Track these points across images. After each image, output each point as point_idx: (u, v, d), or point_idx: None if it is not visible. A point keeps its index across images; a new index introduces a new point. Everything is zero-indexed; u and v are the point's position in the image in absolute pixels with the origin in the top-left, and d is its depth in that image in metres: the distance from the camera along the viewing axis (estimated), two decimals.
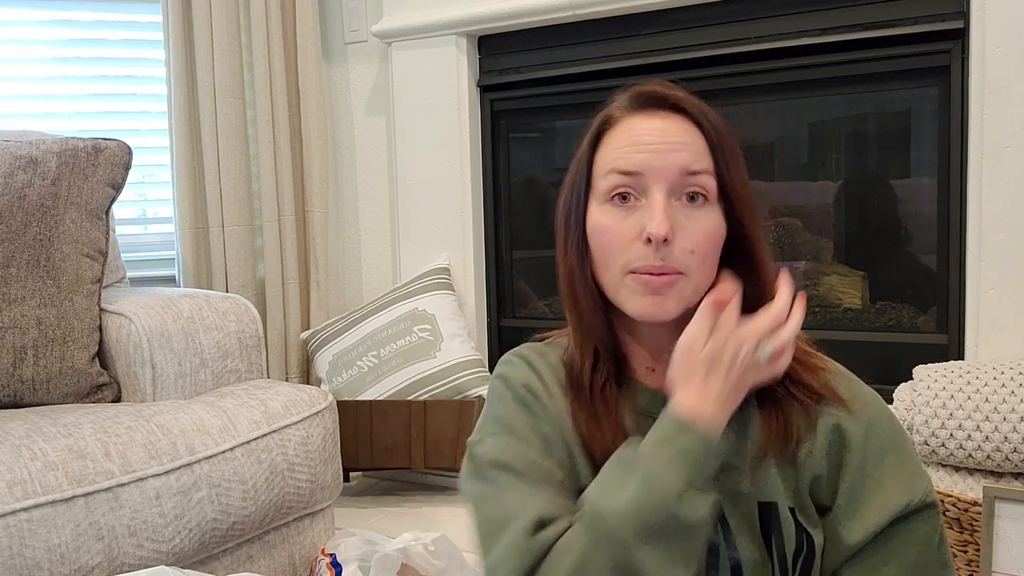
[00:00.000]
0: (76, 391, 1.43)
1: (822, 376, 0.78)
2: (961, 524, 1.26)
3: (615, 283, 0.76)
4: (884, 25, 1.65)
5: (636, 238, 0.74)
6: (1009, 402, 1.29)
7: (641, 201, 0.75)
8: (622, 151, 0.76)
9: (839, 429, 0.76)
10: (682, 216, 0.74)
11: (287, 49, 2.18)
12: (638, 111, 0.77)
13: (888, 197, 1.75)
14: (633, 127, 0.76)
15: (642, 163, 0.74)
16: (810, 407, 0.77)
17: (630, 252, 0.74)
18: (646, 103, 0.77)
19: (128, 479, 1.17)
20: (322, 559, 1.41)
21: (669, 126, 0.76)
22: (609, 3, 1.86)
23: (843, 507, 0.76)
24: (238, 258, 2.14)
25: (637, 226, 0.74)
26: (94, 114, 2.23)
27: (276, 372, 2.17)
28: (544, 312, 2.16)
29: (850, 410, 0.76)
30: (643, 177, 0.74)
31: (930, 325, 1.70)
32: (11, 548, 1.04)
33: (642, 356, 0.82)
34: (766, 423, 0.77)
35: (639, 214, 0.74)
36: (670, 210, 0.73)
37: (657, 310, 0.74)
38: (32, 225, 1.45)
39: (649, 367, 0.82)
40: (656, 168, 0.74)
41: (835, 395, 0.77)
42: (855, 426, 0.76)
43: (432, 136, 2.13)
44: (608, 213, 0.76)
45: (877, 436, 0.76)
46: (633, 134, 0.76)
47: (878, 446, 0.76)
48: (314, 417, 1.44)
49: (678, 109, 0.77)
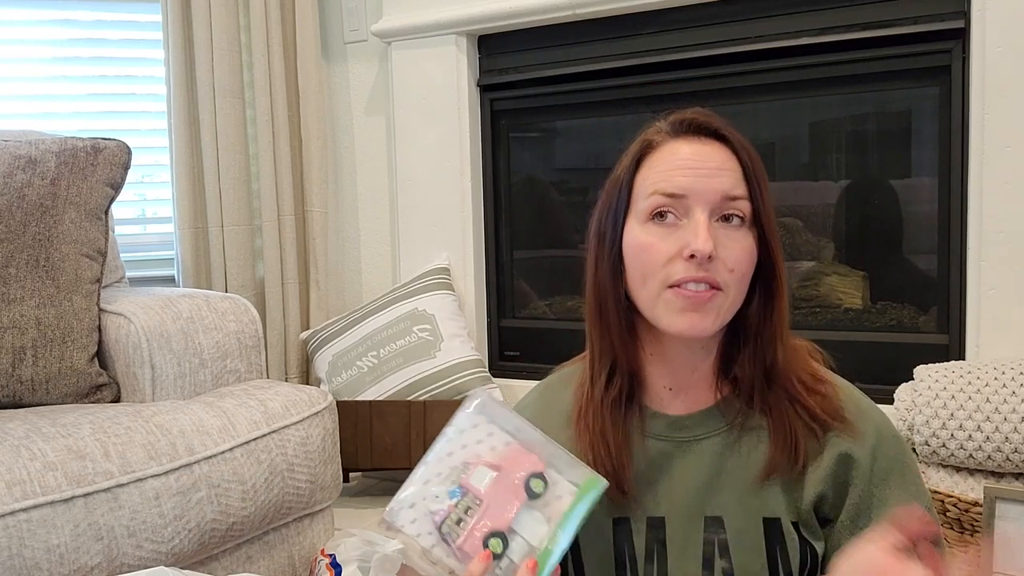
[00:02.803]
0: (75, 391, 1.43)
1: (831, 403, 0.81)
2: (962, 524, 1.26)
3: (653, 298, 0.78)
4: (884, 25, 1.65)
5: (677, 256, 0.76)
6: (1010, 402, 1.29)
7: (682, 221, 0.77)
8: (665, 174, 0.78)
9: (846, 455, 0.79)
10: (722, 235, 0.77)
11: (287, 49, 2.17)
12: (679, 136, 0.80)
13: (888, 197, 1.75)
14: (676, 151, 0.79)
15: (686, 186, 0.77)
16: (818, 433, 0.79)
17: (670, 267, 0.76)
18: (687, 129, 0.81)
19: (127, 479, 1.17)
20: (322, 559, 1.41)
21: (710, 151, 0.79)
22: (609, 3, 1.86)
23: (847, 523, 0.79)
24: (237, 258, 2.14)
25: (678, 244, 0.76)
26: (93, 114, 2.23)
27: (276, 372, 2.17)
28: (544, 312, 2.16)
29: (856, 435, 0.79)
30: (686, 199, 0.77)
31: (931, 325, 1.69)
32: (10, 548, 1.04)
33: (662, 377, 0.85)
34: (775, 444, 0.80)
35: (680, 233, 0.77)
36: (712, 230, 0.76)
37: (695, 325, 0.76)
38: (31, 225, 1.45)
39: (667, 386, 0.85)
40: (698, 191, 0.77)
41: (843, 422, 0.80)
42: (861, 450, 0.79)
43: (432, 136, 2.12)
44: (649, 231, 0.78)
45: (883, 457, 0.80)
46: (676, 158, 0.79)
47: (883, 467, 0.79)
48: (314, 417, 1.44)
49: (717, 136, 0.80)
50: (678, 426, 0.84)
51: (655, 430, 0.84)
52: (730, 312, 0.78)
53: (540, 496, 0.74)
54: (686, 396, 0.84)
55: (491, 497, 0.74)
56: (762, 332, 0.80)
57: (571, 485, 0.75)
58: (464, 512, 0.73)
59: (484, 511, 0.73)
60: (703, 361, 0.83)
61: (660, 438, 0.84)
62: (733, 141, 0.79)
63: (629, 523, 0.83)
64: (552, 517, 0.73)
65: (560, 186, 2.15)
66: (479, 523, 0.73)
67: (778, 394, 0.80)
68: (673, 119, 0.82)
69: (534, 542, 0.72)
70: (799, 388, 0.80)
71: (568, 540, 0.73)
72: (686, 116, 0.81)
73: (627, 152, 0.83)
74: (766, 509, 0.80)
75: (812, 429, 0.79)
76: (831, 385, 0.82)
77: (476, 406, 0.79)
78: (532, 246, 2.16)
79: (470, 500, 0.73)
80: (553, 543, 0.72)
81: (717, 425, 0.83)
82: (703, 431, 0.83)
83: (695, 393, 0.84)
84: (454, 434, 0.77)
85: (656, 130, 0.83)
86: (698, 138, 0.80)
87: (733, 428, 0.82)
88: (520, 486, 0.74)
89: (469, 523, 0.73)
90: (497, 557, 0.71)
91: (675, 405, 0.84)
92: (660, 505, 0.83)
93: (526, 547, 0.72)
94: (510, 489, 0.74)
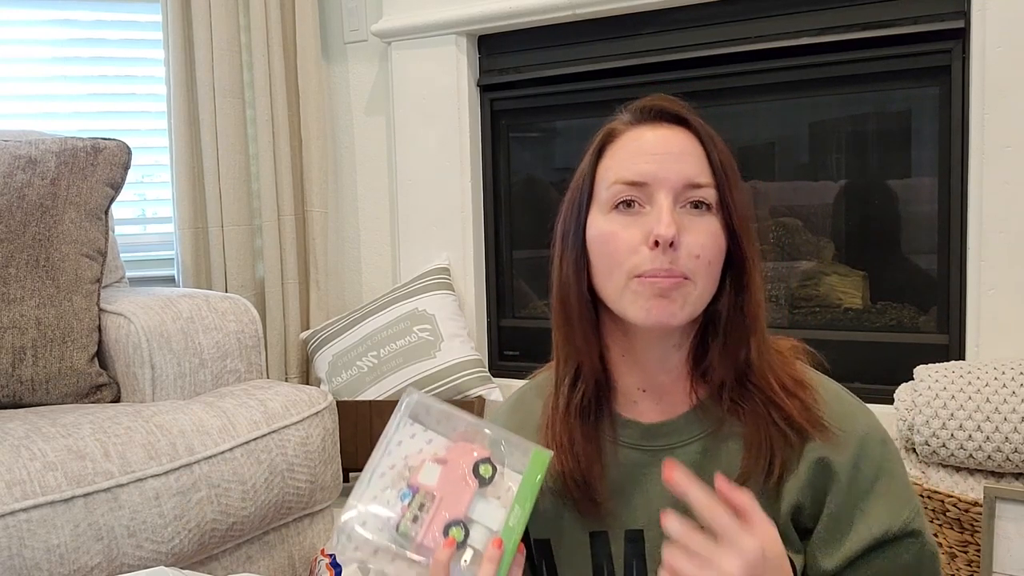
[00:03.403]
0: (75, 391, 1.43)
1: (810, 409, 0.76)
2: (962, 524, 1.26)
3: (619, 289, 0.75)
4: (884, 25, 1.65)
5: (642, 243, 0.73)
6: (1010, 402, 1.29)
7: (646, 208, 0.75)
8: (627, 161, 0.76)
9: (824, 462, 0.75)
10: (687, 221, 0.74)
11: (287, 49, 2.17)
12: (642, 123, 0.78)
13: (888, 197, 1.75)
14: (638, 137, 0.77)
15: (647, 173, 0.74)
16: (794, 441, 0.75)
17: (636, 257, 0.73)
18: (649, 116, 0.78)
19: (127, 479, 1.17)
20: (322, 559, 1.41)
21: (672, 137, 0.76)
22: (608, 3, 1.86)
23: (823, 534, 0.75)
24: (237, 258, 2.14)
25: (643, 232, 0.73)
26: (93, 114, 2.23)
27: (276, 372, 2.17)
28: (544, 312, 2.16)
29: (836, 444, 0.75)
30: (648, 187, 0.74)
31: (931, 325, 1.69)
32: (10, 549, 1.04)
33: (633, 378, 0.81)
34: (747, 452, 0.76)
35: (644, 220, 0.74)
36: (676, 216, 0.73)
37: (664, 312, 0.73)
38: (31, 225, 1.45)
39: (640, 387, 0.81)
40: (661, 178, 0.74)
41: (823, 431, 0.75)
42: (842, 457, 0.75)
43: (432, 136, 2.12)
44: (613, 220, 0.76)
45: (866, 465, 0.75)
46: (638, 144, 0.76)
47: (866, 475, 0.75)
48: (314, 417, 1.44)
49: (681, 122, 0.77)
50: (652, 434, 0.80)
51: (628, 439, 0.80)
52: (700, 302, 0.75)
53: (490, 481, 0.73)
54: (660, 400, 0.80)
55: (443, 489, 0.73)
56: (732, 327, 0.76)
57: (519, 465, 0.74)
58: (419, 509, 0.72)
59: (438, 504, 0.72)
60: (674, 357, 0.79)
61: (634, 447, 0.80)
62: (696, 126, 0.77)
63: (607, 537, 0.80)
64: (506, 501, 0.73)
65: (560, 186, 2.15)
66: (436, 516, 0.72)
67: (753, 397, 0.76)
68: (635, 107, 0.79)
69: (494, 527, 0.72)
70: (776, 390, 0.76)
71: (527, 512, 0.72)
72: (647, 103, 0.78)
73: (590, 143, 0.81)
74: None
75: (788, 437, 0.74)
76: (813, 390, 0.77)
77: (408, 415, 0.77)
78: (532, 246, 2.16)
79: (422, 497, 0.72)
80: (514, 519, 0.72)
81: (694, 432, 0.79)
82: (679, 439, 0.79)
83: (669, 398, 0.80)
84: (393, 447, 0.76)
85: (620, 119, 0.80)
86: (661, 124, 0.77)
87: (710, 434, 0.78)
88: (469, 473, 0.73)
89: (426, 519, 0.72)
90: (459, 546, 0.71)
91: (649, 412, 0.81)
92: (638, 518, 0.79)
93: (487, 532, 0.71)
94: (460, 478, 0.73)
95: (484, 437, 0.76)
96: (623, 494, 0.80)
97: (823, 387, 0.79)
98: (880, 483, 0.75)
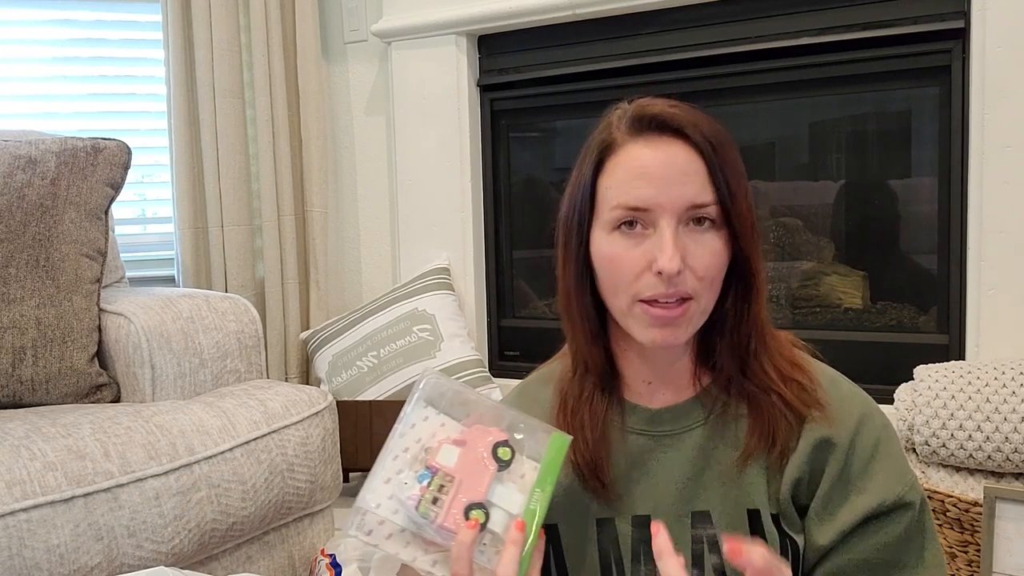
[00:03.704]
0: (75, 391, 1.43)
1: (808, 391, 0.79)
2: (962, 524, 1.26)
3: (624, 310, 0.77)
4: (884, 25, 1.65)
5: (646, 269, 0.74)
6: (1010, 402, 1.29)
7: (649, 230, 0.74)
8: (627, 185, 0.75)
9: (824, 440, 0.77)
10: (690, 241, 0.74)
11: (287, 49, 2.17)
12: (639, 136, 0.76)
13: (888, 197, 1.75)
14: (637, 156, 0.75)
15: (649, 198, 0.73)
16: (793, 422, 0.78)
17: (640, 283, 0.74)
18: (648, 127, 0.76)
19: (127, 479, 1.17)
20: (322, 559, 1.41)
21: (672, 155, 0.74)
22: (608, 3, 1.86)
23: (819, 508, 0.77)
24: (237, 258, 2.14)
25: (646, 257, 0.74)
26: (93, 114, 2.23)
27: (276, 372, 2.17)
28: (544, 312, 2.16)
29: (834, 423, 0.77)
30: (650, 212, 0.74)
31: (931, 325, 1.69)
32: (10, 549, 1.04)
33: (639, 372, 0.84)
34: (751, 429, 0.78)
35: (648, 244, 0.74)
36: (679, 241, 0.73)
37: (668, 338, 0.75)
38: (31, 225, 1.45)
39: (645, 380, 0.84)
40: (662, 203, 0.73)
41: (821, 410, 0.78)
42: (840, 436, 0.77)
43: (432, 136, 2.12)
44: (616, 242, 0.76)
45: (861, 443, 0.77)
46: (637, 165, 0.75)
47: (862, 453, 0.77)
48: (314, 417, 1.44)
49: (679, 134, 0.75)
50: (658, 420, 0.82)
51: (635, 424, 0.83)
52: (703, 315, 0.77)
53: (509, 464, 0.73)
54: (665, 389, 0.83)
55: (462, 471, 0.72)
56: (739, 327, 0.78)
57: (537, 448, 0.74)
58: (438, 490, 0.71)
59: (458, 486, 0.72)
60: (681, 356, 0.82)
61: (640, 433, 0.82)
62: (696, 138, 0.74)
63: (614, 523, 0.82)
64: (523, 485, 0.73)
65: (560, 186, 2.15)
66: (456, 498, 0.71)
67: (755, 381, 0.79)
68: (633, 115, 0.77)
69: (513, 510, 0.71)
70: (774, 376, 0.78)
71: (548, 494, 0.72)
72: (645, 113, 0.76)
73: (587, 148, 0.80)
74: (748, 500, 0.78)
75: (788, 418, 0.77)
76: (809, 373, 0.80)
77: (423, 398, 0.77)
78: (532, 246, 2.16)
79: (442, 478, 0.72)
80: (534, 502, 0.72)
81: (698, 417, 0.81)
82: (683, 425, 0.81)
83: (674, 386, 0.83)
84: (407, 430, 0.76)
85: (616, 126, 0.78)
86: (659, 138, 0.75)
87: (715, 418, 0.81)
88: (488, 456, 0.73)
89: (446, 500, 0.71)
90: (480, 529, 0.70)
91: (655, 398, 0.83)
92: (645, 503, 0.81)
93: (506, 516, 0.71)
94: (479, 461, 0.73)
95: (502, 420, 0.76)
96: (631, 480, 0.82)
97: (821, 372, 0.82)
98: (876, 461, 0.77)
